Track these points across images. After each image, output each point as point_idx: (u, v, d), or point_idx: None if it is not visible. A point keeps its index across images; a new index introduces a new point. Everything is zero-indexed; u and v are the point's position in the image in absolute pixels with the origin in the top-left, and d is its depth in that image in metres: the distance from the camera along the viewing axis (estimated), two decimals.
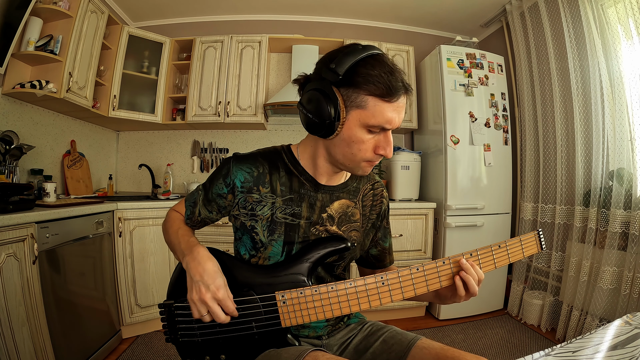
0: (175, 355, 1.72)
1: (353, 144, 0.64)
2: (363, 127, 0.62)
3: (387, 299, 0.65)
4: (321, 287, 0.65)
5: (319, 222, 0.74)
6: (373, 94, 0.59)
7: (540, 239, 0.72)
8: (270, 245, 0.72)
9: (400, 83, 0.60)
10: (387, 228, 0.88)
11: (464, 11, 2.66)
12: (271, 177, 0.73)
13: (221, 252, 0.74)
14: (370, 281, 0.64)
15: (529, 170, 2.33)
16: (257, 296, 0.67)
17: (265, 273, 0.70)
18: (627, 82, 1.72)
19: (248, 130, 2.80)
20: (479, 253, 0.67)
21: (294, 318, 0.65)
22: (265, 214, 0.72)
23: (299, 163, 0.75)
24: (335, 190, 0.77)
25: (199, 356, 0.71)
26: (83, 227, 1.59)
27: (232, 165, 0.74)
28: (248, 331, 0.67)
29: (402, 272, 0.65)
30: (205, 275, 0.64)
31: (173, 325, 0.71)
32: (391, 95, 0.60)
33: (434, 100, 2.45)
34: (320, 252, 0.70)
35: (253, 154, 0.76)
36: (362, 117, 0.61)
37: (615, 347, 0.64)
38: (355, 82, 0.60)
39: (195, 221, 0.81)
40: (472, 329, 2.10)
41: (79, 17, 1.84)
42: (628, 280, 1.61)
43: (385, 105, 0.60)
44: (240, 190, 0.73)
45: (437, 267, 0.65)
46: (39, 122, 1.92)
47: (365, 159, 0.66)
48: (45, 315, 1.30)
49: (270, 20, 2.88)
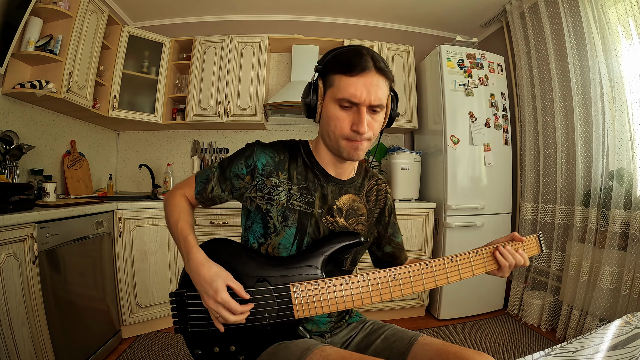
0: (175, 355, 1.72)
1: (330, 121, 0.70)
2: (335, 103, 0.69)
3: (398, 293, 0.68)
4: (335, 280, 0.67)
5: (330, 213, 0.77)
6: (339, 71, 0.68)
7: (541, 241, 0.75)
8: (282, 232, 0.74)
9: (365, 62, 0.66)
10: (396, 224, 0.90)
11: (464, 11, 2.66)
12: (290, 165, 0.77)
13: (235, 243, 0.75)
14: (382, 275, 0.68)
15: (529, 170, 2.33)
16: (271, 287, 0.68)
17: (279, 264, 0.71)
18: (627, 82, 1.71)
19: (248, 130, 2.80)
20: (484, 252, 0.71)
21: (307, 310, 0.67)
22: (282, 199, 0.75)
23: (313, 156, 0.79)
24: (344, 185, 0.80)
25: (208, 347, 0.71)
26: (83, 227, 1.58)
27: (256, 148, 0.77)
28: (261, 322, 0.67)
29: (413, 268, 0.69)
30: (203, 282, 0.65)
31: (183, 315, 0.71)
32: (352, 70, 0.66)
33: (434, 100, 2.44)
34: (336, 245, 0.73)
35: (275, 143, 0.81)
36: (332, 93, 0.69)
37: (615, 347, 0.64)
38: (330, 68, 0.70)
39: (206, 197, 0.81)
40: (472, 329, 2.10)
41: (79, 17, 1.84)
42: (628, 280, 1.61)
43: (348, 80, 0.66)
44: (260, 172, 0.75)
45: (445, 264, 0.70)
46: (39, 122, 1.92)
47: (342, 136, 0.69)
48: (45, 315, 1.30)
49: (270, 20, 2.88)
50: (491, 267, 0.73)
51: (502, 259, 0.72)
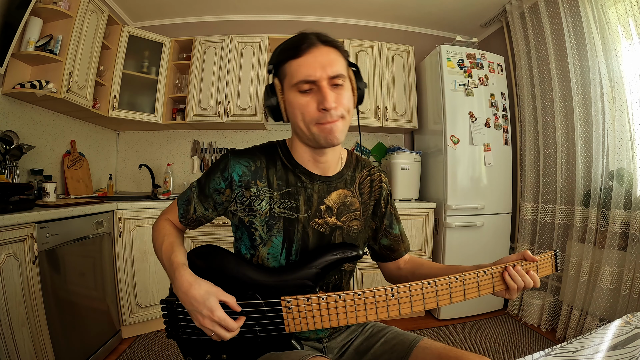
0: (175, 355, 1.72)
1: (295, 110, 0.67)
2: (294, 90, 0.66)
3: (395, 312, 0.63)
4: (329, 296, 0.63)
5: (318, 215, 0.74)
6: (286, 59, 0.66)
7: (557, 260, 0.71)
8: (269, 241, 0.71)
9: (310, 39, 0.65)
10: (393, 214, 0.85)
11: (464, 11, 2.66)
12: (268, 172, 0.74)
13: (225, 251, 0.73)
14: (380, 293, 0.63)
15: (529, 170, 2.33)
16: (262, 300, 0.66)
17: (272, 276, 0.68)
18: (627, 82, 1.71)
19: (248, 130, 2.80)
20: (493, 272, 0.66)
21: (299, 325, 0.64)
22: (264, 208, 0.72)
23: (292, 156, 0.75)
24: (332, 181, 0.76)
25: (201, 354, 0.71)
26: (83, 227, 1.58)
27: (229, 159, 0.73)
28: (251, 334, 0.66)
29: (414, 286, 0.63)
30: (195, 302, 0.62)
31: (175, 322, 0.70)
32: (295, 52, 0.65)
33: (434, 100, 2.44)
34: (330, 259, 0.69)
35: (250, 149, 0.77)
36: (288, 82, 0.67)
37: (615, 347, 0.64)
38: (279, 61, 0.68)
39: (190, 220, 0.79)
40: (472, 329, 2.10)
41: (79, 17, 1.84)
42: (628, 280, 1.61)
43: (296, 62, 0.65)
44: (238, 184, 0.72)
45: (450, 283, 0.64)
46: (39, 122, 1.92)
47: (312, 120, 0.66)
48: (45, 315, 1.30)
49: (270, 20, 2.87)
50: (499, 287, 0.67)
51: (511, 281, 0.65)
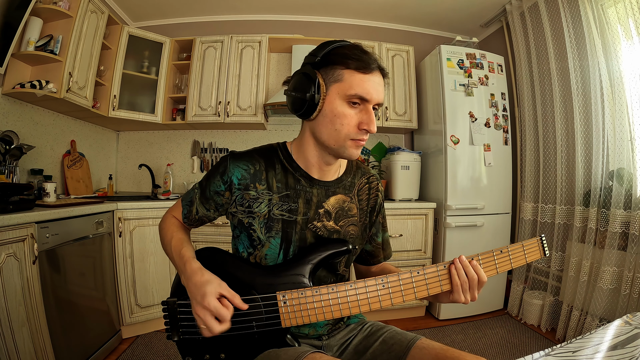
0: (175, 355, 1.72)
1: (336, 119, 0.66)
2: (343, 99, 0.65)
3: (388, 302, 0.65)
4: (322, 289, 0.65)
5: (316, 218, 0.75)
6: (348, 67, 0.65)
7: (544, 244, 0.72)
8: (267, 243, 0.72)
9: (373, 62, 0.66)
10: (381, 222, 0.87)
11: (464, 11, 2.66)
12: (267, 174, 0.74)
13: (224, 252, 0.75)
14: (371, 283, 0.65)
15: (529, 170, 2.33)
16: (258, 295, 0.67)
17: (267, 273, 0.70)
18: (627, 82, 1.71)
19: (248, 130, 2.80)
20: (480, 257, 0.67)
21: (294, 318, 0.66)
22: (263, 211, 0.73)
23: (293, 159, 0.76)
24: (331, 186, 0.77)
25: (199, 354, 0.71)
26: (83, 227, 1.58)
27: (229, 163, 0.74)
28: (248, 330, 0.67)
29: (403, 276, 0.65)
30: (194, 288, 0.63)
31: (175, 322, 0.71)
32: (365, 68, 0.64)
33: (434, 100, 2.44)
34: (322, 254, 0.71)
35: (249, 152, 0.77)
36: (340, 89, 0.65)
37: (615, 347, 0.64)
38: (332, 61, 0.66)
39: (193, 220, 0.81)
40: (472, 329, 2.10)
41: (79, 17, 1.84)
42: (628, 280, 1.61)
43: (361, 76, 0.64)
44: (237, 187, 0.73)
45: (438, 271, 0.66)
46: (39, 122, 1.92)
47: (349, 136, 0.66)
48: (45, 315, 1.30)
49: (270, 20, 2.87)
50: (446, 287, 0.65)
51: (456, 276, 0.64)
